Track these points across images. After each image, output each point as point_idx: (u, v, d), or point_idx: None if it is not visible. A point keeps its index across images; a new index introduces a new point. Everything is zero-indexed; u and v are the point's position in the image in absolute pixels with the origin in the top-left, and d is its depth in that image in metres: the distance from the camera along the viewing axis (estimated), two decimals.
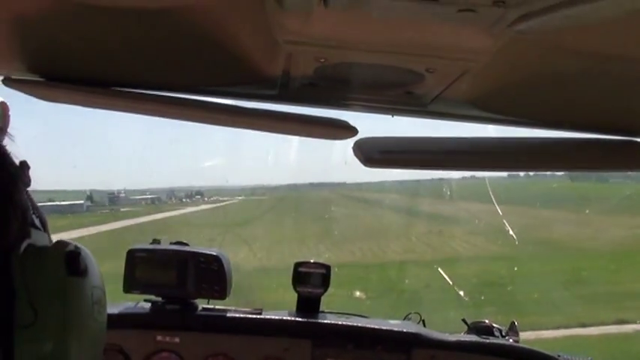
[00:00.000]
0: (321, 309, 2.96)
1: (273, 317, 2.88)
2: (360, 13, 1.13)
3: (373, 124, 1.92)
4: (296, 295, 2.94)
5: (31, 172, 1.01)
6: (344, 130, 1.63)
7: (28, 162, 1.02)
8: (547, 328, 11.46)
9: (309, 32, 1.25)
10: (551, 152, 1.80)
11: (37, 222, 0.98)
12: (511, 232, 13.55)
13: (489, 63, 1.32)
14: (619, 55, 1.27)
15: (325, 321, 2.88)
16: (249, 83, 1.62)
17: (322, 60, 1.39)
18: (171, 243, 2.84)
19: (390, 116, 1.82)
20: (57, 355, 0.88)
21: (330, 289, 2.91)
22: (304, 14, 1.16)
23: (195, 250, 2.80)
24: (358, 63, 1.41)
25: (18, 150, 1.01)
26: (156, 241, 2.82)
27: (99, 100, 1.60)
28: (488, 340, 2.90)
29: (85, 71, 1.56)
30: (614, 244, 17.02)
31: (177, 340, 2.74)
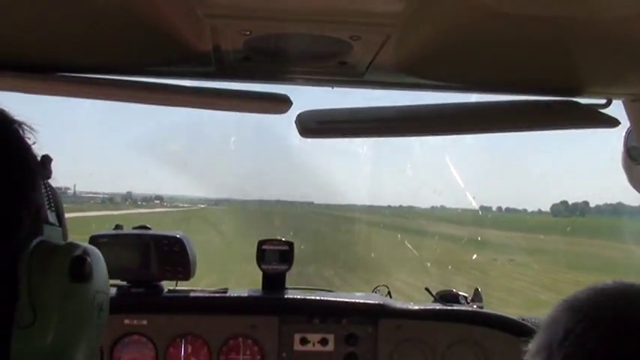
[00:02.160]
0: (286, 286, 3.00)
1: (239, 295, 2.91)
2: None
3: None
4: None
5: None
6: (279, 102, 1.65)
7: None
8: None
9: (227, 4, 1.26)
10: (489, 115, 1.83)
11: (52, 217, 0.99)
12: None
13: (411, 27, 1.34)
14: (542, 17, 1.29)
15: (291, 296, 2.91)
16: (185, 61, 1.64)
17: (247, 32, 1.40)
18: (133, 228, 2.86)
19: (330, 88, 1.85)
20: (52, 358, 0.89)
21: None
22: None
23: (157, 233, 2.82)
24: (285, 34, 1.43)
25: None
26: (118, 227, 2.84)
27: (35, 85, 1.61)
28: (452, 307, 2.95)
29: (17, 57, 1.56)
30: None
31: (144, 322, 2.76)
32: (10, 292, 0.87)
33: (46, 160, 0.99)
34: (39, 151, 0.99)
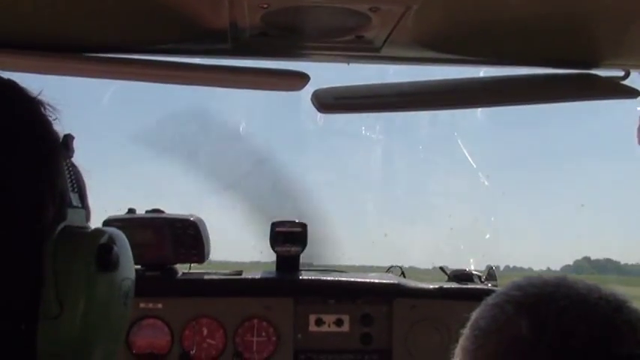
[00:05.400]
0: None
1: (253, 277, 2.91)
2: None
3: None
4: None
5: None
6: (296, 78, 1.64)
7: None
8: None
9: None
10: (507, 87, 1.82)
11: (74, 199, 0.95)
12: None
13: None
14: None
15: (305, 277, 2.92)
16: (200, 39, 1.62)
17: (265, 6, 1.38)
18: (146, 211, 2.86)
19: (347, 64, 1.83)
20: (79, 349, 0.88)
21: None
22: None
23: (170, 216, 2.83)
24: (302, 7, 1.42)
25: None
26: (131, 211, 2.84)
27: (47, 65, 1.59)
28: (466, 286, 2.95)
29: (31, 35, 1.55)
30: None
31: (160, 305, 2.77)
32: (36, 283, 0.84)
33: (69, 138, 0.96)
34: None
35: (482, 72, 1.86)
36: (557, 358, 1.03)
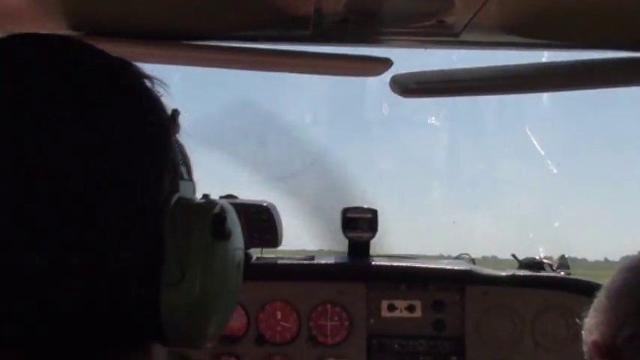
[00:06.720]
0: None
1: (326, 262, 2.95)
2: None
3: None
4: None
5: None
6: (378, 63, 1.66)
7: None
8: None
9: None
10: (590, 71, 1.79)
11: (184, 172, 0.98)
12: None
13: None
14: None
15: (377, 263, 2.94)
16: (283, 25, 1.65)
17: None
18: (220, 197, 2.92)
19: (424, 49, 1.83)
20: (198, 314, 0.91)
21: None
22: None
23: (244, 201, 2.88)
24: None
25: None
26: (205, 196, 2.90)
27: (136, 51, 1.65)
28: (539, 274, 2.91)
29: (120, 24, 1.60)
30: None
31: None
32: (157, 250, 0.87)
33: (176, 113, 0.98)
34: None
35: (562, 56, 1.83)
36: None
